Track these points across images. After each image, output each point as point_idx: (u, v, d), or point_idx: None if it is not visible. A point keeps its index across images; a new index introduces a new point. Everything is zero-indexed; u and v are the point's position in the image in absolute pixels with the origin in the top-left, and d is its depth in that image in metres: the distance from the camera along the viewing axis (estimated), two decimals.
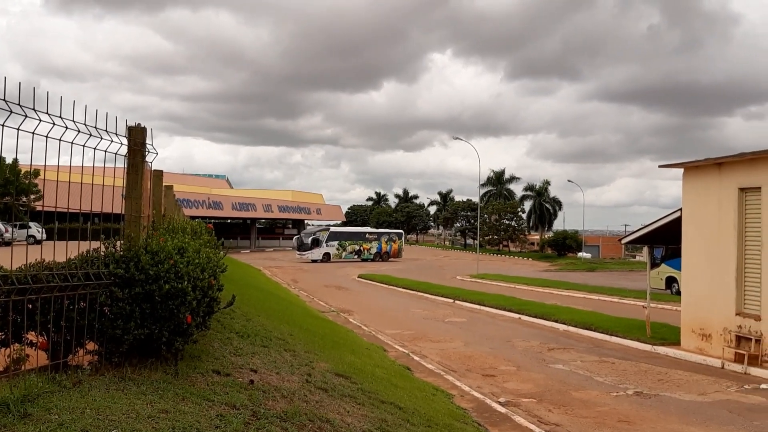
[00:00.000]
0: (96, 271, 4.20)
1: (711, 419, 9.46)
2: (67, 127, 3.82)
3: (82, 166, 4.03)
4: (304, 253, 54.98)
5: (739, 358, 13.15)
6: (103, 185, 4.31)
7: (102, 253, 4.42)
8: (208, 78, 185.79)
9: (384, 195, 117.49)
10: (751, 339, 13.02)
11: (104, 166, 4.42)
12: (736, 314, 13.51)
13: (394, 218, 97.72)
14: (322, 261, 54.09)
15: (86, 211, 4.36)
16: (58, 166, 3.91)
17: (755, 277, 13.23)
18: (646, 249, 20.53)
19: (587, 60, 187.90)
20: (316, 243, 55.18)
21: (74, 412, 3.31)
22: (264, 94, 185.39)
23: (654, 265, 27.97)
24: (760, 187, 13.10)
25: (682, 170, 15.37)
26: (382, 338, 16.17)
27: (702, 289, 14.59)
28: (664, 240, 19.46)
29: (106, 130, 4.19)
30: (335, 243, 56.70)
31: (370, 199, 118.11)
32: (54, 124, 3.73)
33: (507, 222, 74.83)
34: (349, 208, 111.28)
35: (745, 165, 13.52)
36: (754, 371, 12.67)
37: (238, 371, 5.33)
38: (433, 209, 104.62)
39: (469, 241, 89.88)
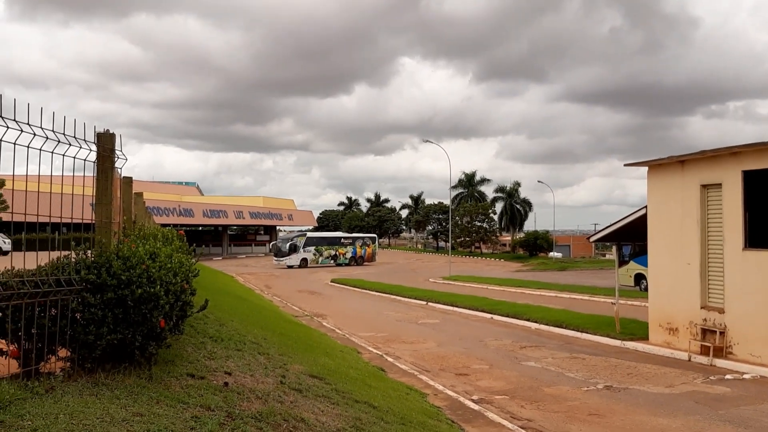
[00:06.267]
0: (67, 278, 4.20)
1: (678, 410, 9.70)
2: (35, 134, 3.80)
3: (51, 174, 4.03)
4: (281, 259, 54.78)
5: (704, 351, 13.47)
6: (72, 194, 4.30)
7: (73, 260, 4.41)
8: (177, 84, 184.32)
9: (355, 199, 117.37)
10: (715, 331, 13.36)
11: (73, 175, 4.42)
12: (701, 308, 13.86)
13: (366, 222, 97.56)
14: (299, 267, 54.07)
15: (56, 219, 4.33)
16: (27, 174, 3.87)
17: (718, 271, 13.58)
18: (614, 247, 20.83)
19: (553, 62, 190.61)
20: (293, 249, 55.07)
21: (48, 417, 3.31)
22: (234, 100, 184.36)
23: (622, 262, 28.46)
24: (720, 183, 13.46)
25: (646, 168, 15.70)
26: (356, 341, 16.22)
27: (668, 284, 14.93)
28: (632, 237, 19.80)
29: (74, 137, 4.17)
30: (312, 248, 56.71)
31: (341, 203, 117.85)
32: (21, 131, 3.70)
33: (479, 224, 75.24)
34: (320, 214, 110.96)
35: (706, 162, 13.88)
36: (720, 362, 13.01)
37: (213, 374, 5.35)
38: (405, 213, 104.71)
39: (442, 243, 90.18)
